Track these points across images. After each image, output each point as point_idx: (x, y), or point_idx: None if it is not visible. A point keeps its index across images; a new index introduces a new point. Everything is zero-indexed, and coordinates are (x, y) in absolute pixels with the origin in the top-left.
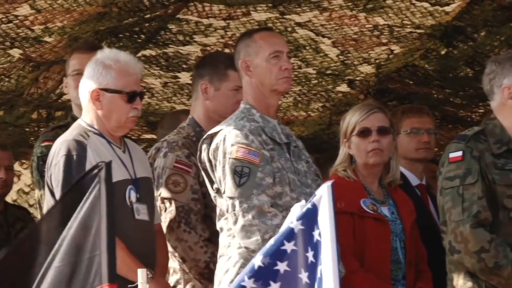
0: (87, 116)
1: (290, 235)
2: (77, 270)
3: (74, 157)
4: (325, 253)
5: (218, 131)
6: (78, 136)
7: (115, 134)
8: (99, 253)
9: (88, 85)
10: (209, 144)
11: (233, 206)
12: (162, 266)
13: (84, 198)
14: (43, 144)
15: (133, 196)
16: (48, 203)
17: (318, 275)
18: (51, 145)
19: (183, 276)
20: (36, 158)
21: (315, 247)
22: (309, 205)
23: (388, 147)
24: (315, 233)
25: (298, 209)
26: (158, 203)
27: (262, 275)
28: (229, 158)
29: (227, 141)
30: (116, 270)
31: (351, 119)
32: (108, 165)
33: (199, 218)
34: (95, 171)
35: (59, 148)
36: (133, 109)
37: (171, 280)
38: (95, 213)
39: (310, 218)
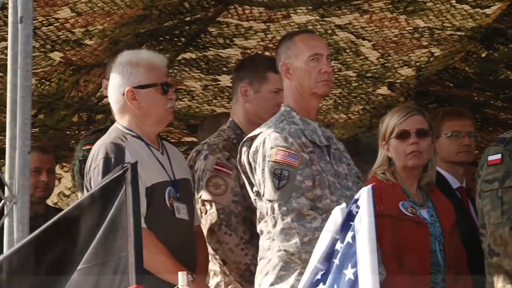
0: (123, 119)
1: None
2: (104, 272)
3: (113, 160)
4: (362, 256)
5: (258, 134)
6: (116, 139)
7: (155, 131)
8: (126, 254)
9: (120, 88)
10: (249, 147)
11: (272, 209)
12: (202, 267)
13: (110, 199)
14: (84, 148)
15: (173, 197)
16: None
17: (351, 277)
18: None
19: (223, 279)
20: (78, 162)
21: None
22: (356, 210)
23: (427, 150)
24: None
25: (339, 212)
26: (199, 205)
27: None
28: (269, 161)
29: (267, 144)
30: (143, 271)
31: (390, 122)
32: (134, 166)
33: (240, 220)
34: (121, 172)
35: (97, 152)
36: (168, 100)
37: (212, 283)
38: (122, 214)
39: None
